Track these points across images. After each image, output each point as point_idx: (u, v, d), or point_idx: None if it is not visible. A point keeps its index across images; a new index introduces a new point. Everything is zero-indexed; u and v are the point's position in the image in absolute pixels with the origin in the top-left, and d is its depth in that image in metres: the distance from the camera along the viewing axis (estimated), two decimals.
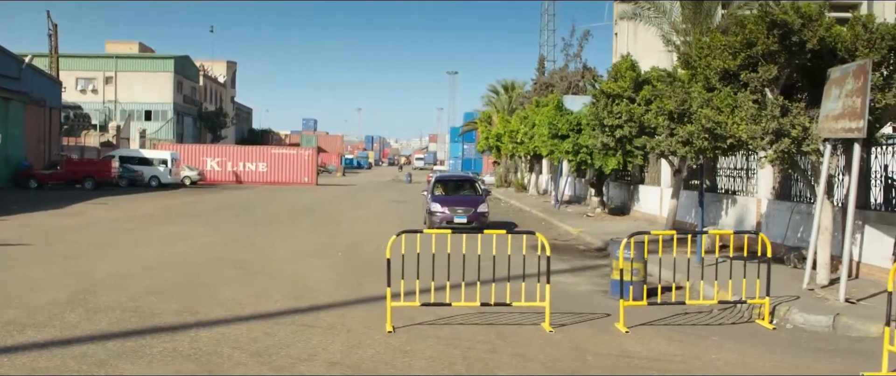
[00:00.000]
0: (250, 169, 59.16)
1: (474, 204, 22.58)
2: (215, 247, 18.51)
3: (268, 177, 58.88)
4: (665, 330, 10.14)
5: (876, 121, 11.84)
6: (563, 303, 12.03)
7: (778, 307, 10.85)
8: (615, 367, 8.33)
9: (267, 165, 59.17)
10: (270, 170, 59.06)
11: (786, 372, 8.35)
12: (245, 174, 59.01)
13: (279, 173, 59.00)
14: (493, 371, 8.15)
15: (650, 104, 15.33)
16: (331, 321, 10.46)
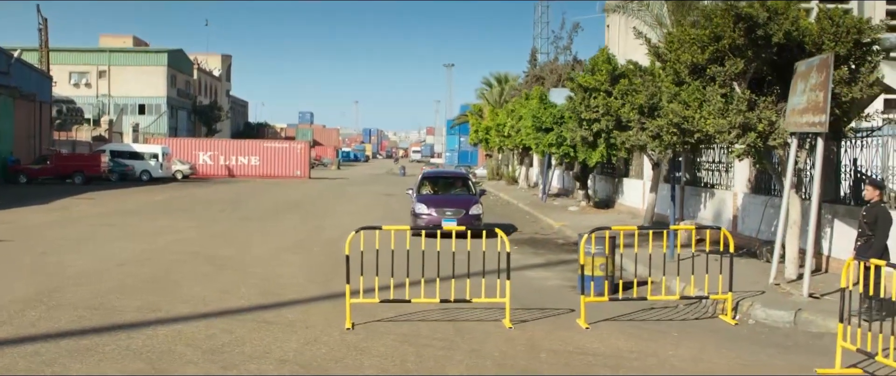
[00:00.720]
0: (243, 162, 59.08)
1: (466, 205, 19.68)
2: (194, 242, 18.47)
3: (260, 170, 58.81)
4: (626, 327, 10.11)
5: (843, 115, 11.78)
6: (531, 299, 12.01)
7: (741, 302, 10.82)
8: (567, 365, 8.29)
9: (259, 159, 59.08)
10: (263, 164, 58.98)
11: (739, 369, 8.31)
12: (237, 168, 58.93)
13: (272, 167, 58.92)
14: (444, 368, 8.11)
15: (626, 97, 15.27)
16: (292, 317, 10.43)
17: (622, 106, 15.69)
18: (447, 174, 25.04)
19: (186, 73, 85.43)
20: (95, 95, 76.40)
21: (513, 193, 38.55)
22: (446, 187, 21.94)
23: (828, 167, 13.22)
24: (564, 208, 27.99)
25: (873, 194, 9.71)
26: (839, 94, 11.33)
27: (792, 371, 8.26)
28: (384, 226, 10.38)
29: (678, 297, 10.91)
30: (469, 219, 19.02)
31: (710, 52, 12.01)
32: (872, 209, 9.68)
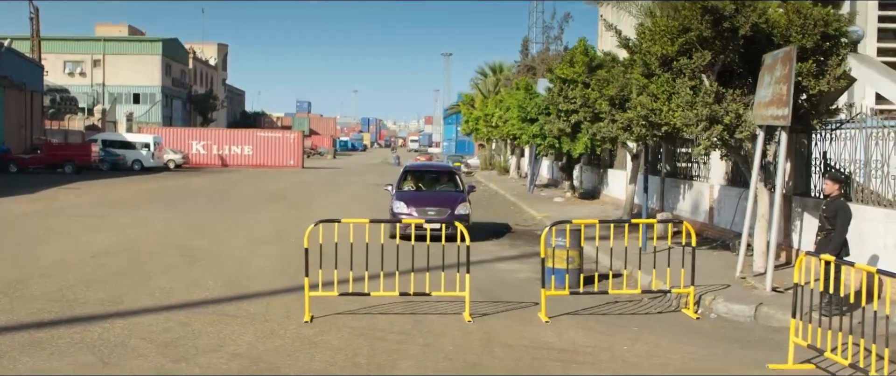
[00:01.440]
0: (236, 152, 59.03)
1: (451, 203, 17.36)
2: (172, 233, 18.43)
3: (254, 160, 58.76)
4: (587, 320, 10.07)
5: (812, 108, 11.73)
6: (499, 291, 11.99)
7: (704, 296, 10.79)
8: (519, 360, 8.26)
9: (252, 148, 59.03)
10: (256, 154, 58.92)
11: (692, 364, 8.27)
12: (231, 157, 58.88)
13: (265, 156, 58.87)
14: (395, 363, 8.09)
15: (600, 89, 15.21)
16: (254, 310, 10.41)
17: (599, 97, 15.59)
18: (432, 168, 22.28)
19: (181, 62, 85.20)
20: (90, 84, 76.22)
21: (502, 183, 38.53)
22: (431, 183, 19.69)
23: (798, 160, 13.18)
24: (550, 199, 27.95)
25: (833, 188, 9.66)
26: (807, 86, 11.28)
27: (745, 366, 8.22)
28: (343, 219, 10.34)
29: (639, 291, 10.87)
30: (455, 219, 16.58)
31: (679, 44, 11.94)
32: (832, 203, 9.64)
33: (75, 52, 76.88)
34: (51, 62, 72.75)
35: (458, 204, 17.31)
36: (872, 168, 11.12)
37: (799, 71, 11.20)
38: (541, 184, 34.65)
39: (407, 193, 18.19)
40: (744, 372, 7.98)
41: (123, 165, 47.37)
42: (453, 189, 18.86)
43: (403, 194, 17.99)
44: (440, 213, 16.76)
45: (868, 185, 11.23)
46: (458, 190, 18.70)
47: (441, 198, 17.76)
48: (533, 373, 7.79)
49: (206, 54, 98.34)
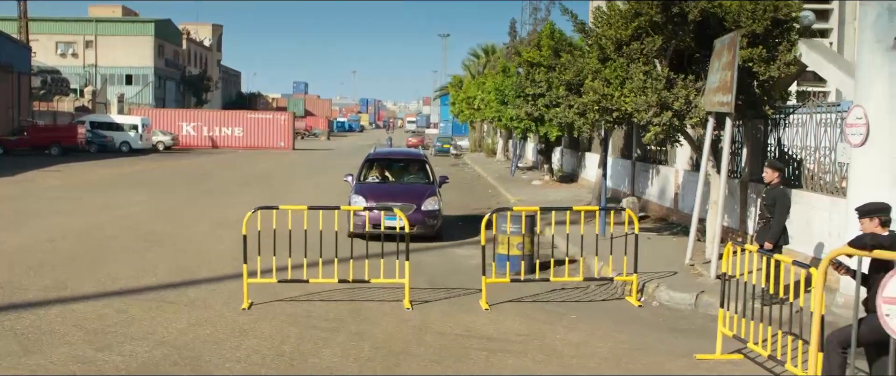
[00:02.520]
0: (226, 133, 58.90)
1: (417, 197, 15.11)
2: (139, 216, 18.38)
3: (244, 141, 58.65)
4: (527, 308, 10.03)
5: (764, 94, 11.62)
6: (448, 278, 11.93)
7: (649, 284, 10.74)
8: (446, 348, 8.23)
9: (243, 130, 58.90)
10: (246, 135, 58.81)
11: (620, 354, 8.22)
12: (221, 139, 58.76)
13: (255, 138, 58.75)
14: (320, 351, 8.06)
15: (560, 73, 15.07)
16: (195, 296, 10.39)
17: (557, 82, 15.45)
18: (399, 156, 19.22)
19: (175, 43, 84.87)
20: (82, 66, 75.98)
21: (487, 166, 38.45)
22: (398, 173, 17.19)
23: (755, 146, 13.09)
24: (529, 182, 27.88)
25: (772, 176, 9.58)
26: (757, 72, 11.18)
27: (673, 355, 8.17)
28: (281, 206, 10.30)
29: (582, 279, 10.83)
30: (421, 217, 14.80)
31: (633, 28, 11.83)
32: (772, 191, 9.56)
33: (67, 33, 76.62)
34: (42, 43, 72.56)
35: (426, 198, 15.12)
36: (821, 155, 11.03)
37: (750, 57, 11.11)
38: (525, 167, 34.56)
39: (368, 185, 16.09)
40: (670, 362, 7.94)
41: (111, 147, 47.25)
42: (422, 180, 16.64)
43: (364, 186, 15.86)
44: (404, 209, 13.80)
45: (817, 172, 11.15)
46: (428, 181, 16.46)
47: (406, 192, 15.56)
48: (455, 362, 7.75)
49: (201, 35, 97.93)
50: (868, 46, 9.11)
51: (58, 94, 62.19)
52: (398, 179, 16.92)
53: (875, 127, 9.04)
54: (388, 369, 7.52)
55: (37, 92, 58.94)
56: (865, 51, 9.15)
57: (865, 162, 9.25)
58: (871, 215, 5.98)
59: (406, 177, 16.97)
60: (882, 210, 5.99)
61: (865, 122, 9.09)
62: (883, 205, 6.10)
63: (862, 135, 9.14)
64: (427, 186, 15.91)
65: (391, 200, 14.67)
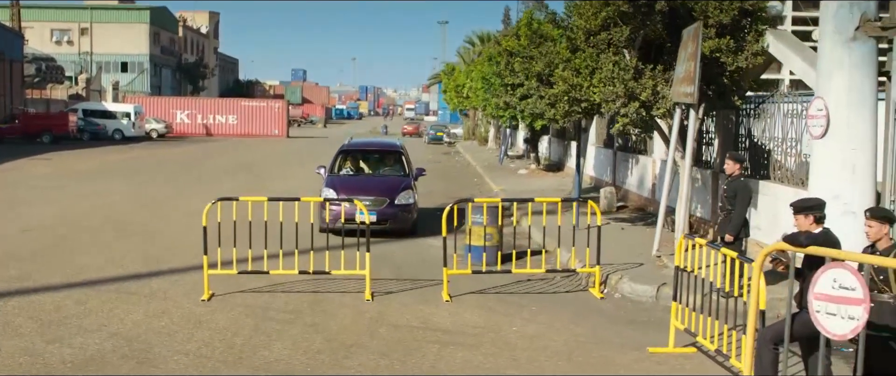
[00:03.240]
0: (220, 121, 58.84)
1: (390, 191, 14.62)
2: (119, 205, 18.36)
3: (238, 129, 58.58)
4: (489, 300, 10.01)
5: (733, 85, 11.56)
6: (417, 268, 11.89)
7: (612, 275, 10.71)
8: (398, 341, 8.21)
9: (237, 118, 58.83)
10: (240, 123, 58.73)
11: (574, 346, 8.19)
12: (215, 126, 58.69)
13: (249, 126, 58.68)
14: (271, 343, 8.05)
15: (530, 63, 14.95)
16: (158, 287, 10.37)
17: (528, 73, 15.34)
18: (374, 147, 18.24)
19: (171, 30, 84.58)
20: (77, 53, 75.69)
21: (478, 154, 38.40)
22: (373, 165, 16.66)
23: (727, 137, 13.04)
24: (515, 171, 27.84)
25: (733, 168, 9.53)
26: (725, 63, 11.11)
27: (627, 348, 8.14)
28: (241, 197, 10.27)
29: (544, 270, 10.80)
30: (394, 211, 14.32)
31: (602, 18, 11.75)
32: (733, 183, 9.51)
33: (62, 20, 76.33)
34: (37, 30, 72.35)
35: (400, 191, 14.60)
36: (788, 146, 10.99)
37: (718, 47, 11.05)
38: (515, 156, 34.49)
39: (340, 178, 15.53)
40: (622, 356, 7.91)
41: (104, 135, 47.19)
42: (397, 173, 16.01)
43: (335, 179, 15.33)
44: (376, 204, 14.17)
45: (784, 163, 11.10)
46: (403, 173, 15.83)
47: (379, 185, 15.03)
48: (404, 355, 7.73)
49: (198, 22, 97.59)
50: (829, 38, 9.06)
51: (52, 81, 62.04)
52: (373, 171, 16.48)
53: (835, 119, 9.00)
54: (335, 362, 7.50)
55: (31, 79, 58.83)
56: (826, 42, 9.09)
57: (825, 153, 9.21)
58: (806, 212, 5.94)
59: (381, 169, 16.48)
60: (816, 207, 5.95)
61: (825, 114, 9.05)
62: (817, 202, 6.06)
63: (822, 127, 9.10)
64: (402, 179, 15.40)
65: (363, 194, 14.12)
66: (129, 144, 45.12)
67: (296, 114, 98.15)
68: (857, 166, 8.98)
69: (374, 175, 16.19)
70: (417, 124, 72.16)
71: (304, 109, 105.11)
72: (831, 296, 5.28)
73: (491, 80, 26.04)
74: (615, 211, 16.95)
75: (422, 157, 39.72)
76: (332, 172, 15.82)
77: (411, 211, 14.69)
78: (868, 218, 5.96)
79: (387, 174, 16.09)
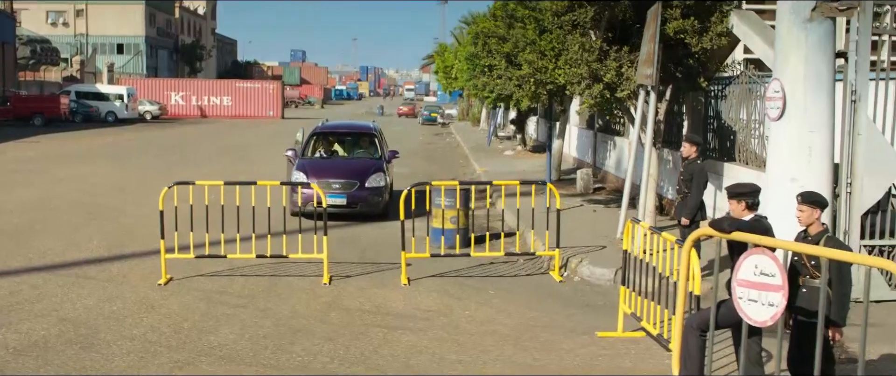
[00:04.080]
0: (215, 103, 58.72)
1: (361, 174, 14.43)
2: (95, 189, 18.31)
3: (232, 111, 58.47)
4: (447, 284, 9.97)
5: (700, 66, 11.46)
6: (381, 251, 11.83)
7: (572, 259, 10.68)
8: (347, 325, 8.18)
9: (231, 99, 58.70)
10: (235, 104, 58.62)
11: (523, 330, 8.16)
12: (210, 108, 58.58)
13: (244, 107, 58.56)
14: (219, 327, 8.04)
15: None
16: (117, 272, 10.36)
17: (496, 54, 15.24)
18: (347, 129, 17.80)
19: (167, 11, 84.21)
20: (73, 35, 75.49)
21: (469, 135, 38.32)
22: (346, 147, 16.44)
23: (696, 119, 12.95)
24: (501, 152, 27.78)
25: (690, 151, 9.44)
26: (689, 44, 11.01)
27: (577, 332, 8.10)
28: (198, 181, 10.24)
29: (502, 253, 10.77)
30: (364, 194, 14.19)
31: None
32: (689, 166, 9.43)
33: (58, 2, 75.89)
34: (32, 12, 72.04)
35: (371, 174, 14.45)
36: (752, 128, 10.90)
37: (683, 28, 10.94)
38: (505, 137, 34.38)
39: (310, 161, 15.28)
40: (570, 340, 7.88)
41: (97, 117, 47.08)
42: (369, 155, 15.74)
43: (306, 162, 15.10)
44: (346, 187, 14.16)
45: (748, 146, 11.02)
46: (375, 156, 15.56)
47: (349, 168, 14.86)
48: (350, 340, 7.71)
49: (194, 3, 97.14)
50: (786, 18, 8.93)
51: (47, 63, 61.89)
52: (347, 153, 16.25)
53: (791, 101, 8.89)
54: (278, 347, 7.48)
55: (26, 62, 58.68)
56: (783, 23, 8.97)
57: (782, 136, 9.11)
58: (738, 197, 5.86)
59: (355, 152, 16.23)
60: (749, 193, 5.87)
61: (782, 96, 8.94)
62: (750, 188, 5.98)
63: (779, 109, 8.99)
64: (373, 161, 15.17)
65: (333, 177, 14.22)
66: (122, 126, 45.04)
67: (293, 96, 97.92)
68: (814, 149, 8.88)
69: (346, 158, 15.99)
70: (413, 105, 71.96)
71: (301, 90, 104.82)
72: (753, 283, 5.24)
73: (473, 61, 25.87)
74: (592, 192, 16.90)
75: (413, 139, 39.70)
76: (304, 155, 15.67)
77: (382, 193, 14.56)
78: (799, 202, 5.90)
79: (359, 157, 15.91)
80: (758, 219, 5.76)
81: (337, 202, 13.90)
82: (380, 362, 7.14)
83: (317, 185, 10.57)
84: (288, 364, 7.08)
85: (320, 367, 7.01)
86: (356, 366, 7.03)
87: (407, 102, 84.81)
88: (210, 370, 6.89)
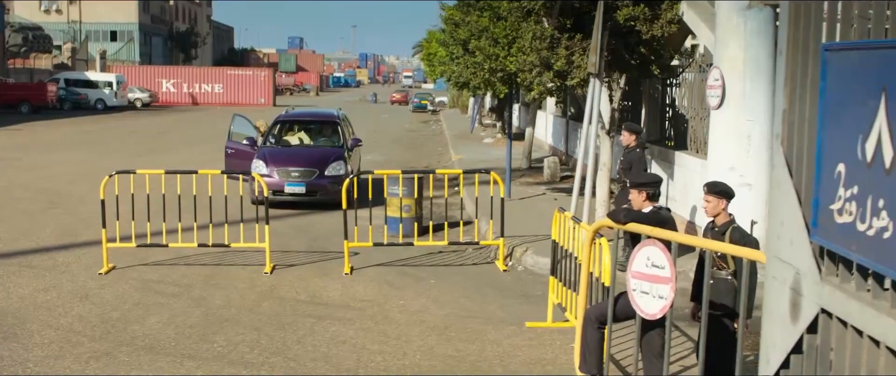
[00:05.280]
0: (206, 90, 58.61)
1: (321, 162, 14.39)
2: (61, 177, 18.23)
3: (224, 98, 58.35)
4: (389, 273, 9.94)
5: (652, 54, 11.36)
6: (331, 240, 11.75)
7: (518, 248, 10.63)
8: (276, 315, 8.15)
9: (223, 86, 58.59)
10: (226, 92, 58.49)
11: (453, 320, 8.10)
12: (201, 96, 58.48)
13: (235, 94, 58.44)
14: (147, 317, 8.01)
15: None
16: (62, 261, 10.34)
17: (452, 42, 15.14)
18: (310, 117, 17.66)
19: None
20: (66, 22, 75.25)
21: (455, 122, 38.23)
22: (310, 135, 16.41)
23: (653, 107, 12.87)
24: (481, 140, 27.70)
25: (629, 139, 9.39)
26: (640, 31, 10.90)
27: (506, 323, 8.05)
28: (139, 170, 10.19)
29: (446, 243, 10.72)
30: (324, 182, 14.08)
31: None
32: (629, 154, 9.38)
33: None
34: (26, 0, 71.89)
35: (331, 163, 14.38)
36: (701, 116, 10.82)
37: (635, 15, 10.82)
38: (489, 124, 34.26)
39: (270, 150, 15.17)
40: (497, 330, 7.83)
41: (85, 105, 46.99)
42: (332, 144, 15.64)
43: (266, 151, 14.98)
44: (306, 175, 14.16)
45: (698, 134, 10.95)
46: (337, 144, 15.44)
47: (309, 157, 14.81)
48: (275, 330, 7.67)
49: None
50: (725, 5, 8.86)
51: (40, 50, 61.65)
52: (313, 141, 16.19)
53: (731, 89, 8.84)
54: (202, 337, 7.45)
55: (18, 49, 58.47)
56: (723, 10, 8.91)
57: (722, 124, 9.07)
58: (640, 188, 5.81)
59: (318, 140, 16.15)
60: (649, 184, 5.81)
61: (721, 84, 8.89)
62: (651, 179, 5.93)
63: (718, 98, 8.94)
64: (335, 150, 15.09)
65: (293, 165, 14.30)
66: (110, 114, 44.94)
67: (288, 83, 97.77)
68: (753, 137, 8.85)
69: (307, 146, 15.91)
70: (406, 93, 71.83)
71: (297, 77, 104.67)
72: (645, 275, 5.20)
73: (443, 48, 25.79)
74: (559, 181, 16.84)
75: (399, 126, 39.65)
76: (266, 143, 15.60)
77: (341, 181, 14.47)
78: (705, 192, 5.85)
79: (322, 145, 15.81)
80: (656, 211, 5.71)
81: (296, 190, 13.98)
82: (299, 352, 7.11)
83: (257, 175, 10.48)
84: (207, 353, 7.06)
85: (238, 357, 6.98)
86: (274, 357, 7.00)
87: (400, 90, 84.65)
88: (126, 360, 6.87)
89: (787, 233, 3.89)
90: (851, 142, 3.27)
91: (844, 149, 3.34)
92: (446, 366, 6.86)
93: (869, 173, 3.15)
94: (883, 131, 3.05)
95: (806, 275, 3.70)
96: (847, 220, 3.29)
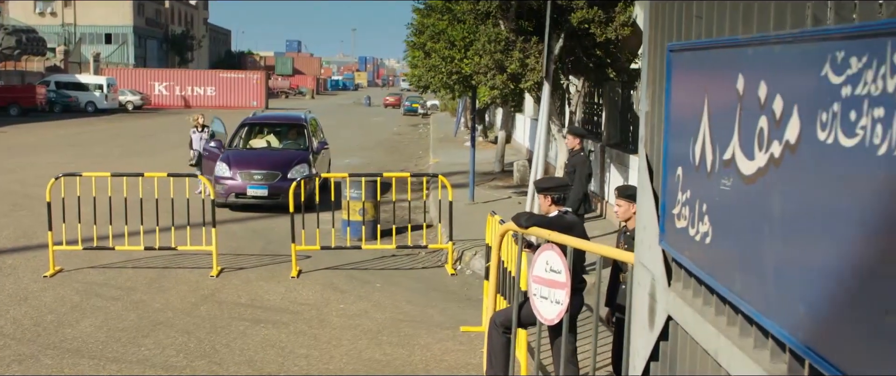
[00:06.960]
0: (199, 93, 58.60)
1: (284, 165, 14.34)
2: (32, 179, 18.15)
3: (216, 101, 58.32)
4: (336, 277, 9.91)
5: (608, 57, 11.35)
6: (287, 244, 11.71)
7: (467, 252, 10.60)
8: (210, 319, 8.12)
9: (215, 89, 58.57)
10: (219, 94, 58.48)
11: (389, 324, 8.09)
12: (193, 98, 58.47)
13: (227, 97, 58.43)
14: (81, 320, 7.98)
15: None
16: (11, 263, 10.33)
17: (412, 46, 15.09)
18: (276, 120, 17.84)
19: (157, 0, 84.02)
20: (61, 25, 75.35)
21: (443, 125, 38.15)
22: (277, 137, 16.26)
23: (613, 111, 12.84)
24: (462, 144, 27.63)
25: (574, 143, 9.35)
26: (594, 34, 10.89)
27: (442, 328, 8.02)
28: (85, 173, 10.18)
29: (394, 247, 10.70)
30: (286, 184, 13.30)
31: None
32: (573, 158, 9.34)
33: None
34: (20, 2, 71.90)
35: (294, 166, 14.27)
36: None
37: (589, 18, 10.82)
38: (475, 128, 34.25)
39: (234, 152, 15.04)
40: (430, 334, 7.81)
41: (76, 107, 47.00)
42: (297, 146, 15.52)
43: (230, 154, 14.84)
44: (268, 178, 14.06)
45: None
46: (302, 147, 15.32)
47: (272, 159, 14.75)
48: (207, 334, 7.64)
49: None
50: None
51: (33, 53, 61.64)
52: (279, 143, 16.05)
53: None
54: (131, 340, 7.42)
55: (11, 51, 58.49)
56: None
57: None
58: (545, 192, 5.78)
59: (284, 143, 15.99)
60: (553, 188, 5.78)
61: None
62: (555, 183, 5.89)
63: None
64: (299, 152, 14.99)
65: (256, 168, 14.24)
66: (99, 117, 44.93)
67: (284, 86, 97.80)
68: None
69: (271, 149, 15.79)
70: (399, 96, 71.80)
71: (292, 81, 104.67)
72: (544, 279, 5.16)
73: None
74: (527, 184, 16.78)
75: (386, 129, 39.61)
76: (231, 146, 15.54)
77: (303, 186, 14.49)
78: (617, 197, 5.82)
79: (287, 148, 15.70)
80: (560, 215, 5.67)
81: (258, 193, 13.95)
82: (225, 356, 7.08)
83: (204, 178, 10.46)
84: (132, 357, 7.03)
85: (162, 360, 6.95)
86: (199, 360, 6.97)
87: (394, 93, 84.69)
88: (50, 363, 6.84)
89: (647, 237, 3.86)
90: (686, 146, 3.25)
91: (682, 152, 3.31)
92: (370, 370, 6.83)
93: (697, 177, 3.13)
94: (706, 134, 3.03)
95: (659, 281, 3.67)
96: (683, 225, 3.26)
